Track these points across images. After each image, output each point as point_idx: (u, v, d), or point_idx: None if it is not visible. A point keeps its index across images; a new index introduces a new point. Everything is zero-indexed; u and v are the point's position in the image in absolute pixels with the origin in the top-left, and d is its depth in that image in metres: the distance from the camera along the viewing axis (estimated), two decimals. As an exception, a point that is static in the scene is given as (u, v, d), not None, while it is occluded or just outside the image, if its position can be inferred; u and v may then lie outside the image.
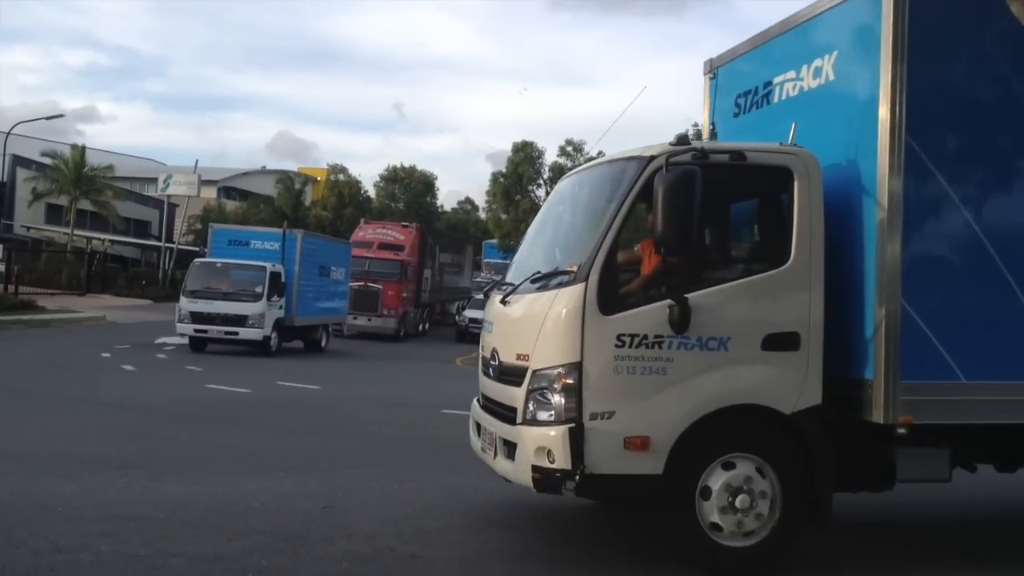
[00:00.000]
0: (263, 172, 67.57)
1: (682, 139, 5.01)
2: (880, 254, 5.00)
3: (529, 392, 4.94)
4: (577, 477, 4.72)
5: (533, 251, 6.03)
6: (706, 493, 4.91)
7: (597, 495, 4.99)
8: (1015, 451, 5.75)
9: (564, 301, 4.85)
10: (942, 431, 5.28)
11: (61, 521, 5.53)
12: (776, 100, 6.06)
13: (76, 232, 44.76)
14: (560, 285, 4.99)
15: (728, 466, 4.94)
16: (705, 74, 6.92)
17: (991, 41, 5.12)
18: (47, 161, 44.45)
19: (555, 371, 4.81)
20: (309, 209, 55.88)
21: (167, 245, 46.92)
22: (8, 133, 34.56)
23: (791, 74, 5.89)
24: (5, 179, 43.45)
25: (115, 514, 5.73)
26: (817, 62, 5.63)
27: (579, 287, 4.81)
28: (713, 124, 6.69)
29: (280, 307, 19.99)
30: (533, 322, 5.05)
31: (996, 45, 5.13)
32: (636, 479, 4.83)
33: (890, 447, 5.26)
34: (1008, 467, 6.07)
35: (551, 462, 4.78)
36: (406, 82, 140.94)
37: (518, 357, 5.15)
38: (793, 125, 5.36)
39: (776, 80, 6.04)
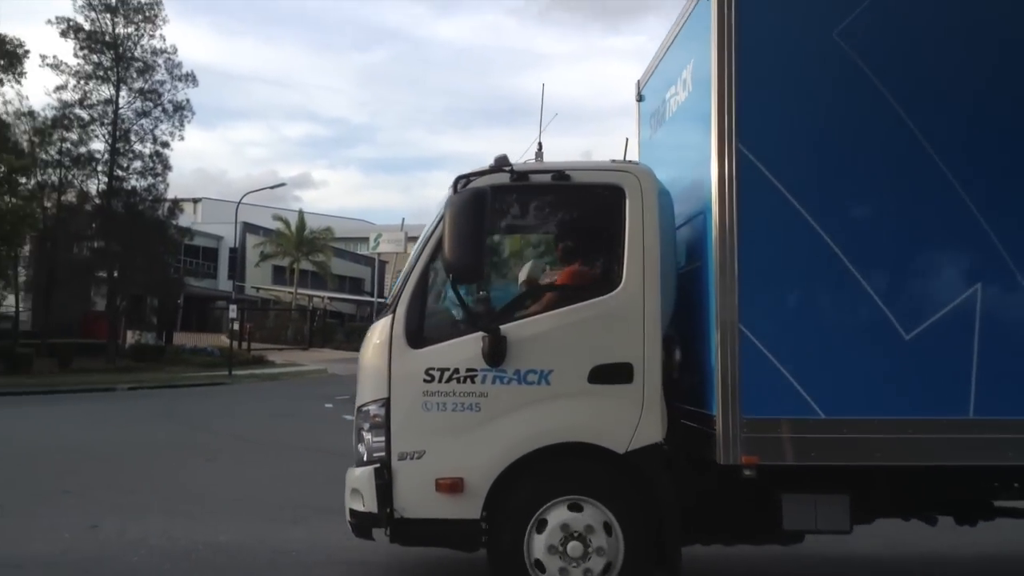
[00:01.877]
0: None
1: (500, 161, 4.84)
2: (718, 275, 4.51)
3: (355, 431, 4.94)
4: (387, 521, 4.63)
5: None
6: (534, 537, 4.58)
7: (412, 541, 4.80)
8: (934, 498, 4.86)
9: (376, 334, 4.83)
10: (841, 474, 4.59)
11: (295, 566, 5.92)
12: (668, 116, 5.67)
13: (299, 291, 49.76)
14: (380, 317, 4.97)
15: (560, 510, 4.59)
16: (636, 98, 6.60)
17: (841, 34, 4.50)
18: (273, 227, 49.99)
19: (369, 408, 4.78)
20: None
21: (379, 300, 50.66)
22: (239, 203, 39.25)
23: (673, 88, 5.51)
24: (237, 245, 49.33)
25: (343, 560, 6.01)
26: (684, 73, 5.24)
27: (387, 320, 4.77)
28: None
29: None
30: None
31: (847, 37, 4.49)
32: (451, 524, 4.62)
33: (776, 492, 4.66)
34: (967, 519, 5.11)
35: (363, 505, 4.73)
36: (595, 131, 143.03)
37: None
38: (626, 140, 5.03)
39: (668, 95, 5.66)
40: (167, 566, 5.85)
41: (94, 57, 35.41)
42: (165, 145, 35.76)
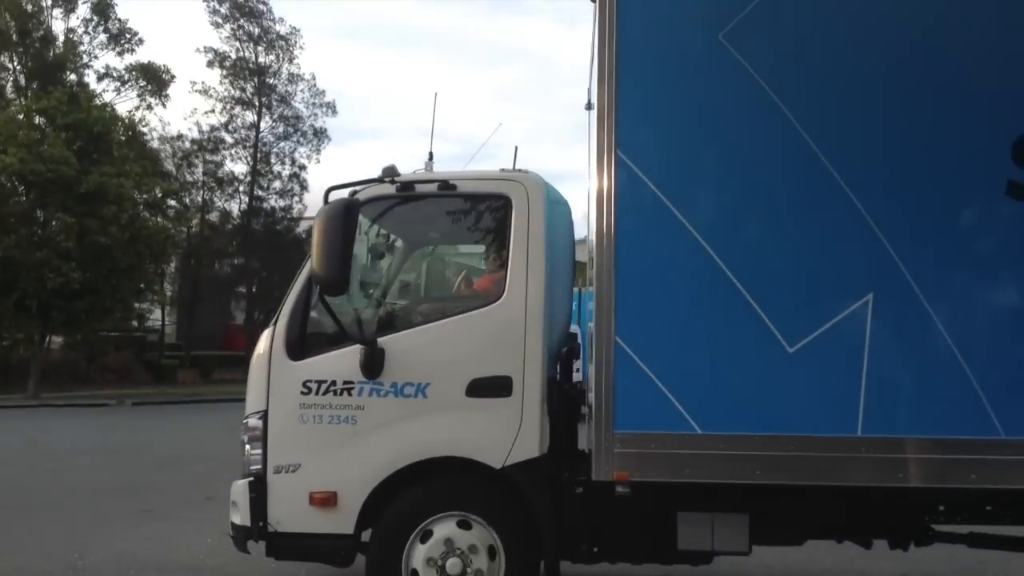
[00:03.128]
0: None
1: (387, 171, 4.78)
2: (595, 285, 4.36)
3: (241, 443, 4.87)
4: (259, 534, 4.54)
5: None
6: (416, 547, 4.45)
7: (286, 555, 4.66)
8: (844, 520, 4.56)
9: (260, 345, 4.78)
10: (740, 492, 4.35)
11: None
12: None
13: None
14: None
15: (447, 524, 4.46)
16: (585, 107, 6.48)
17: (727, 35, 4.35)
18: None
19: (249, 420, 4.72)
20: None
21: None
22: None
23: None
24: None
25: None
26: (594, 80, 5.13)
27: (269, 331, 4.72)
28: None
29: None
30: None
31: (733, 39, 4.34)
32: (325, 539, 4.51)
33: (671, 510, 4.45)
34: (898, 543, 4.78)
35: (239, 518, 4.64)
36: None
37: None
38: (515, 148, 4.94)
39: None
40: (302, 573, 5.83)
41: (239, 84, 37.60)
42: (303, 168, 37.54)
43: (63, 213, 25.75)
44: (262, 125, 38.60)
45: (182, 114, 66.19)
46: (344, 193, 4.62)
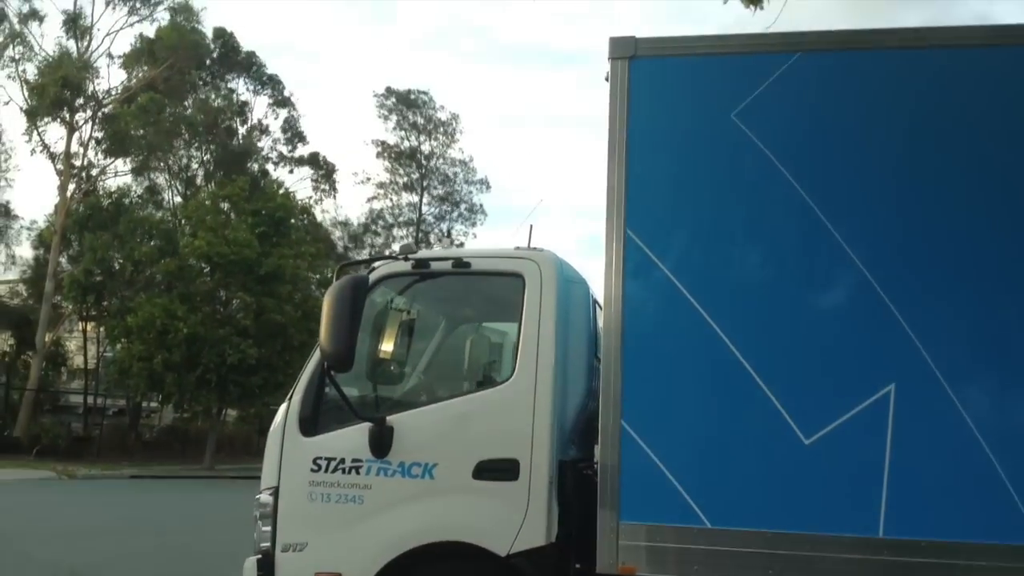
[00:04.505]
0: None
1: (405, 249, 4.82)
2: (605, 364, 4.26)
3: (253, 519, 4.86)
4: None
5: None
6: None
7: None
8: None
9: (276, 420, 4.80)
10: None
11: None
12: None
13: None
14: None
15: None
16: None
17: (740, 115, 4.28)
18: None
19: (263, 495, 4.72)
20: None
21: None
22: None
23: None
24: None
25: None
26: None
27: (285, 405, 4.75)
28: None
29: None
30: None
31: (746, 117, 4.27)
32: None
33: None
34: None
35: None
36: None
37: None
38: (530, 227, 4.90)
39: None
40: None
41: (401, 170, 41.10)
42: (460, 245, 39.91)
43: (244, 292, 27.51)
44: (423, 207, 41.27)
45: (348, 200, 70.77)
46: (359, 270, 4.66)
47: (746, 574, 3.94)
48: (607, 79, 4.50)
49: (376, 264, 4.83)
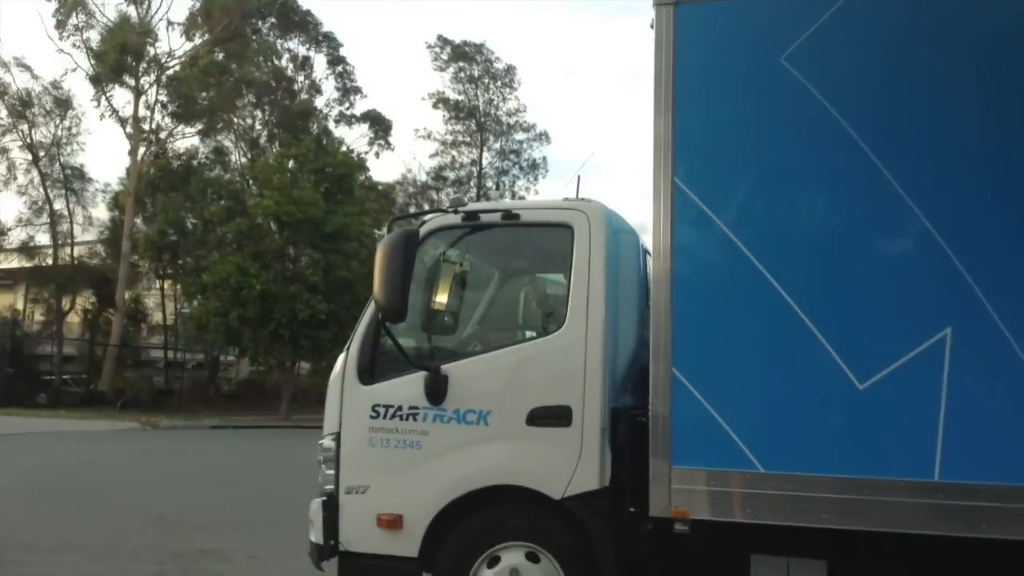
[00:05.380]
0: None
1: (454, 202, 4.89)
2: (655, 313, 4.28)
3: (317, 463, 5.08)
4: (330, 553, 4.72)
5: None
6: (483, 571, 4.47)
7: (355, 574, 4.75)
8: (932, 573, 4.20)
9: (336, 369, 4.97)
10: (820, 536, 4.13)
11: None
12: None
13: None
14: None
15: (516, 553, 4.49)
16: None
17: (789, 58, 4.17)
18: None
19: (325, 440, 4.92)
20: None
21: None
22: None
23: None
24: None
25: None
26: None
27: (343, 355, 4.91)
28: None
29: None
30: None
31: (795, 60, 4.16)
32: (391, 560, 4.63)
33: (745, 551, 4.31)
34: None
35: (314, 537, 4.84)
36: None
37: None
38: (577, 177, 4.90)
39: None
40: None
41: (459, 126, 41.00)
42: (523, 199, 40.29)
43: (311, 250, 28.35)
44: (483, 161, 40.99)
45: (406, 159, 70.90)
46: (410, 223, 4.75)
47: (800, 517, 3.95)
48: (652, 26, 4.43)
49: (427, 217, 4.92)
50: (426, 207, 38.89)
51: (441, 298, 4.80)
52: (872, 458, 3.92)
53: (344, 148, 32.69)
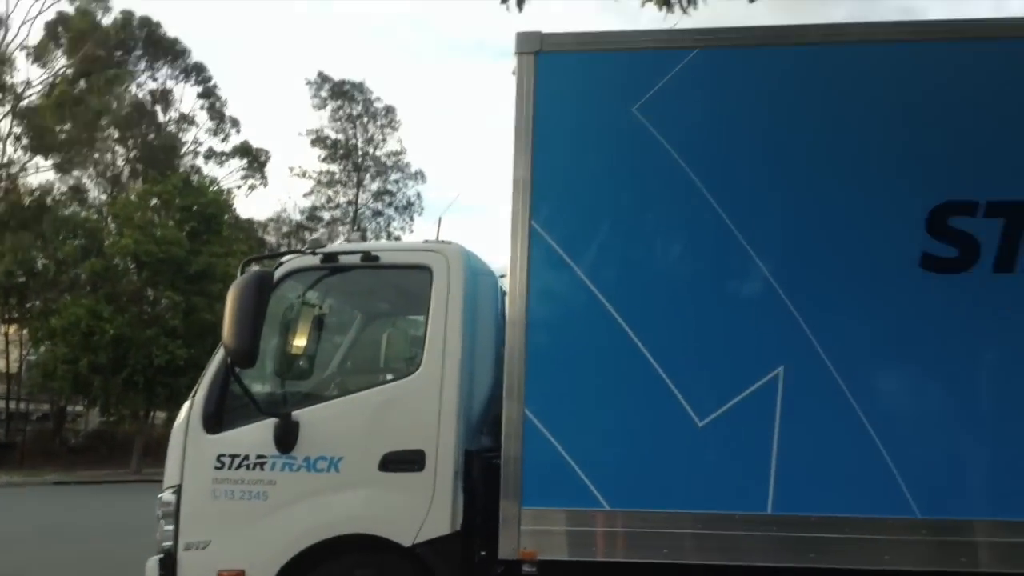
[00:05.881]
0: None
1: (312, 243, 4.83)
2: (509, 355, 4.32)
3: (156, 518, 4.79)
4: None
5: None
6: None
7: None
8: None
9: (180, 416, 4.74)
10: (657, 571, 4.21)
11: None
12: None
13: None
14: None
15: None
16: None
17: (642, 108, 4.39)
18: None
19: (165, 494, 4.66)
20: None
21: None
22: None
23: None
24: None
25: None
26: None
27: (188, 402, 4.70)
28: None
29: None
30: None
31: (647, 111, 4.38)
32: None
33: None
34: None
35: None
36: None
37: None
38: (439, 219, 4.97)
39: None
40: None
41: (336, 165, 39.57)
42: (398, 239, 38.88)
43: (172, 292, 26.51)
44: (359, 200, 40.42)
45: (280, 197, 68.71)
46: (265, 264, 4.64)
47: (642, 554, 4.05)
48: (514, 73, 4.57)
49: (284, 259, 4.81)
50: (298, 247, 37.97)
51: (298, 341, 4.69)
52: (711, 493, 4.08)
53: (215, 187, 31.69)
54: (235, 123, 38.08)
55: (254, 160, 37.69)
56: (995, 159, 4.24)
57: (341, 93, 40.31)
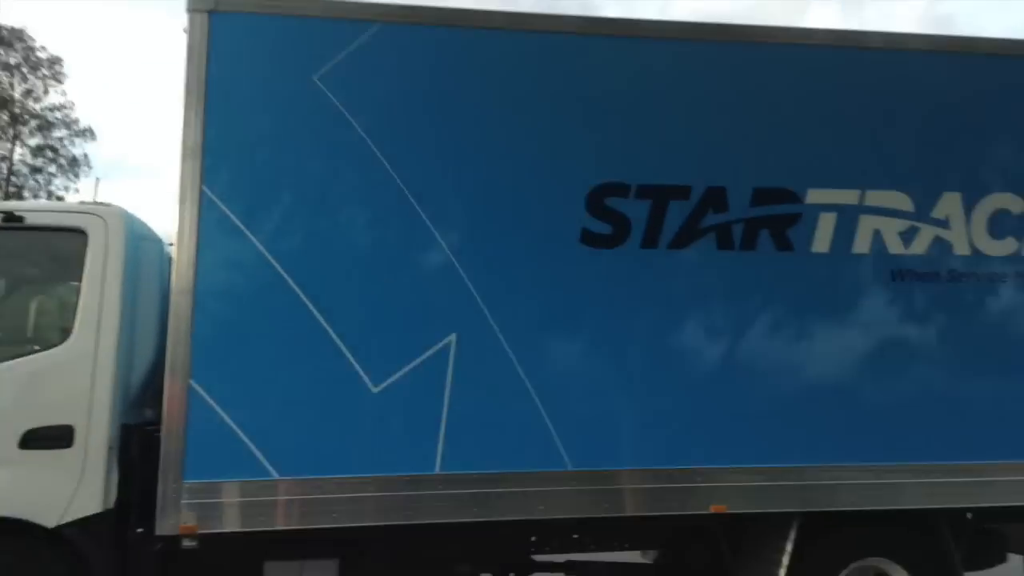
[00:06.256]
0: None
1: None
2: (173, 325, 4.08)
3: None
4: None
5: None
6: None
7: None
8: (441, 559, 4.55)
9: None
10: (330, 537, 4.15)
11: None
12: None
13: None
14: None
15: None
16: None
17: (323, 78, 4.35)
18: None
19: None
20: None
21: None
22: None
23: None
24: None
25: None
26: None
27: None
28: None
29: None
30: None
31: (328, 81, 4.36)
32: None
33: (259, 560, 4.21)
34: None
35: None
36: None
37: None
38: (96, 179, 4.66)
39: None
40: None
41: None
42: (60, 199, 33.23)
43: None
44: (15, 157, 35.13)
45: None
46: None
47: (312, 520, 4.01)
48: (185, 31, 4.33)
49: None
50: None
51: None
52: (385, 456, 4.13)
53: None
54: None
55: None
56: (646, 147, 4.68)
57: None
